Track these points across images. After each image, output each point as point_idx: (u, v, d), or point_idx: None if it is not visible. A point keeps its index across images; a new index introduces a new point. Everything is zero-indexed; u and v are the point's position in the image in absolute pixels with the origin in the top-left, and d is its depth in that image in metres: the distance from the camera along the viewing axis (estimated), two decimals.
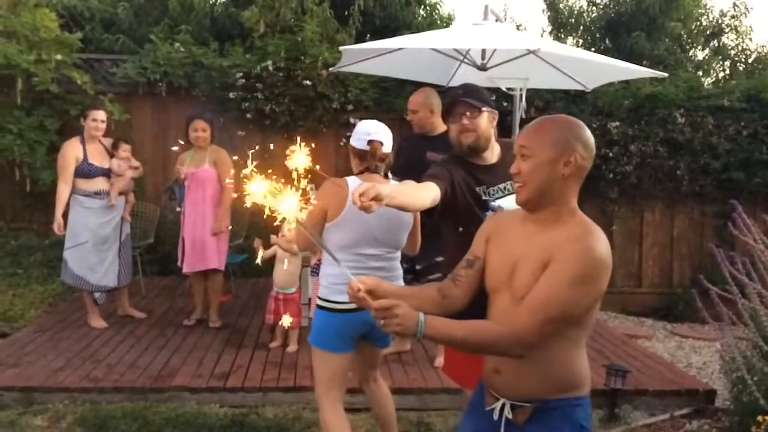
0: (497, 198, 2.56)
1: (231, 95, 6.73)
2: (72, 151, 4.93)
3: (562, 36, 9.32)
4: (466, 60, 5.01)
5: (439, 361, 4.20)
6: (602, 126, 6.79)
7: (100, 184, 4.97)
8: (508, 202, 2.44)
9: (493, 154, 2.62)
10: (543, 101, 6.71)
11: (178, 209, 5.24)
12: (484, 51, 4.83)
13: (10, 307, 5.44)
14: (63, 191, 4.90)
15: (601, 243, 1.67)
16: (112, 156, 5.10)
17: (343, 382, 2.88)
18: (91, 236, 4.98)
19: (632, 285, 7.09)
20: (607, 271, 1.67)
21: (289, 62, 6.80)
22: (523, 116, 5.02)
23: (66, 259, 5.03)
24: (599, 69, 4.89)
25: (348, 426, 2.85)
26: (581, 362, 1.78)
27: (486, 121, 2.55)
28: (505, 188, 2.56)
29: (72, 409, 3.78)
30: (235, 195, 4.88)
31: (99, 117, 5.01)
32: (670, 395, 4.19)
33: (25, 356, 4.43)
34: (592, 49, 8.53)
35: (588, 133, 1.78)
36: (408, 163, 3.81)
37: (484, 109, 2.55)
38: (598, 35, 9.14)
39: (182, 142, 5.02)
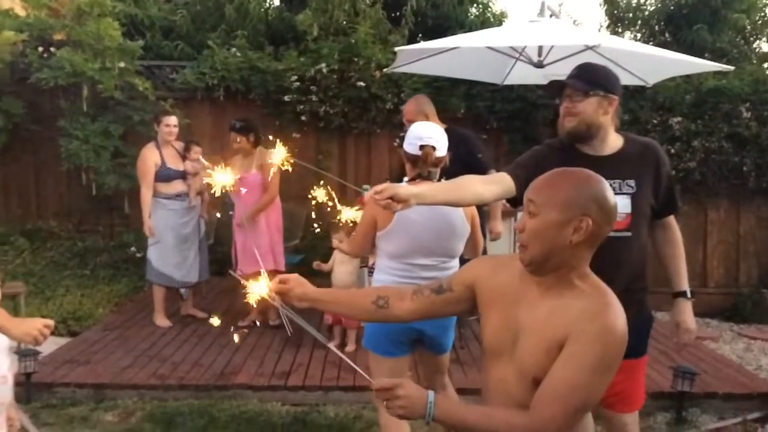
0: None
1: (286, 98, 6.83)
2: (151, 157, 5.11)
3: (620, 30, 9.10)
4: (521, 57, 4.95)
5: None
6: (663, 122, 6.62)
7: (178, 186, 5.14)
8: None
9: (605, 144, 2.35)
10: None
11: (231, 213, 5.33)
12: (540, 48, 4.78)
13: (79, 306, 5.63)
14: (146, 196, 5.09)
15: (620, 317, 1.49)
16: (184, 158, 5.26)
17: None
18: (174, 236, 5.16)
19: (696, 285, 6.87)
20: (622, 354, 1.49)
21: (343, 64, 6.86)
22: None
23: (150, 259, 5.21)
24: (660, 63, 4.76)
25: (407, 428, 2.84)
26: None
27: (593, 106, 2.28)
28: (610, 186, 2.40)
29: (140, 406, 3.90)
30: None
31: (172, 122, 5.20)
32: (740, 398, 4.06)
33: (95, 354, 4.59)
34: (651, 42, 8.30)
35: (608, 194, 1.54)
36: None
37: (592, 92, 2.29)
38: (657, 28, 8.89)
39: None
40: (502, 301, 1.64)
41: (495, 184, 2.37)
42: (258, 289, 1.79)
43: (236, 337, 4.83)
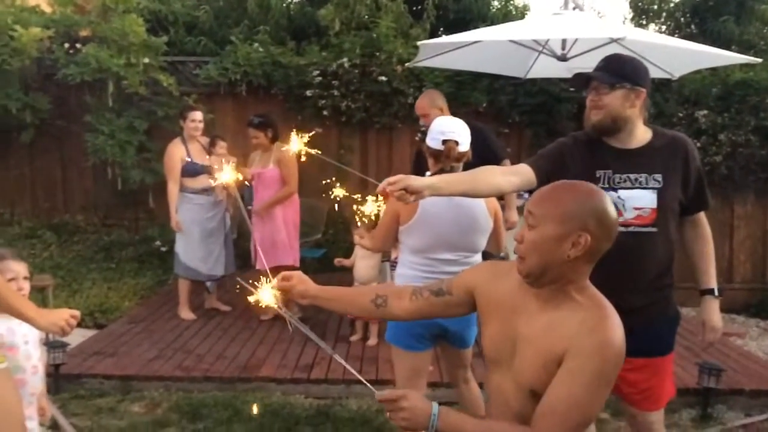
0: (621, 188, 2.28)
1: (308, 93, 6.85)
2: (177, 152, 5.17)
3: (644, 23, 8.99)
4: (545, 50, 4.93)
5: None
6: (689, 115, 6.53)
7: (204, 181, 5.18)
8: (635, 197, 2.26)
9: (632, 137, 2.31)
10: None
11: (249, 207, 5.37)
12: (564, 41, 4.74)
13: (105, 299, 5.72)
14: (173, 191, 5.15)
15: (617, 329, 1.48)
16: (209, 153, 5.31)
17: (423, 378, 2.86)
18: (200, 230, 5.22)
19: (722, 280, 6.74)
20: (620, 366, 1.49)
21: (365, 59, 6.86)
22: None
23: (177, 253, 5.28)
24: (686, 56, 4.70)
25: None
26: None
27: (619, 98, 2.24)
28: (636, 180, 2.27)
29: (167, 397, 3.96)
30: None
31: (197, 117, 5.26)
32: (766, 395, 4.00)
33: (122, 346, 4.66)
34: (677, 34, 8.20)
35: (608, 209, 1.51)
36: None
37: (618, 85, 2.25)
38: (682, 20, 8.77)
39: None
40: (501, 310, 1.64)
41: (515, 175, 2.36)
42: (264, 296, 1.82)
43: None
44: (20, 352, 2.49)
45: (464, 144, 2.73)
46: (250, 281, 1.88)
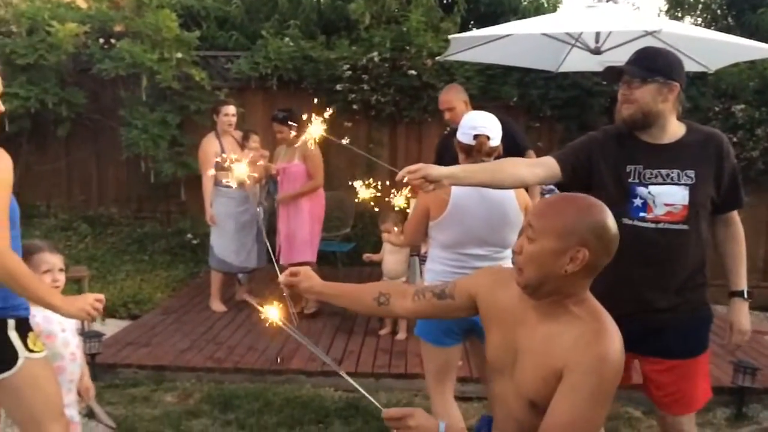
0: (652, 184, 2.23)
1: (338, 87, 6.86)
2: (211, 147, 5.23)
3: (680, 15, 8.82)
4: (578, 44, 4.87)
5: None
6: (725, 109, 6.41)
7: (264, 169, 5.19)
8: (666, 193, 2.21)
9: (664, 132, 2.26)
10: None
11: (275, 201, 5.38)
12: (598, 34, 4.68)
13: (138, 291, 5.82)
14: (208, 184, 5.20)
15: (615, 342, 1.48)
16: (242, 147, 5.36)
17: (452, 373, 2.85)
18: (234, 223, 5.27)
19: (757, 279, 6.64)
20: (619, 378, 1.48)
21: (395, 53, 6.85)
22: None
23: (212, 246, 5.34)
24: (723, 49, 4.60)
25: (458, 414, 2.84)
26: None
27: (651, 92, 2.20)
28: (667, 175, 2.22)
29: (198, 387, 4.02)
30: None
31: (230, 111, 5.30)
32: None
33: (155, 337, 4.75)
34: (713, 27, 8.02)
35: (609, 224, 1.49)
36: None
37: (650, 79, 2.20)
38: (719, 12, 8.58)
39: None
40: (502, 319, 1.65)
41: (539, 167, 2.35)
42: (271, 314, 1.81)
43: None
44: (58, 339, 2.55)
45: (495, 139, 2.71)
46: (256, 298, 1.87)
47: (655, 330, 2.27)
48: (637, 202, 2.23)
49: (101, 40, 6.91)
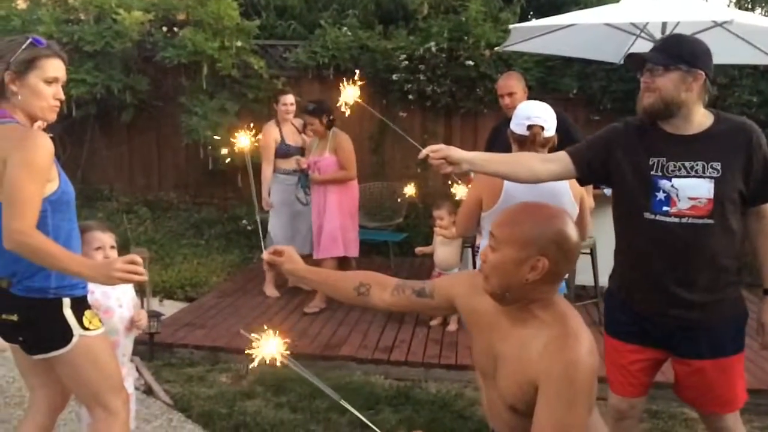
0: (675, 177, 2.13)
1: (394, 77, 6.85)
2: (271, 134, 5.30)
3: (750, 7, 8.48)
4: (642, 34, 4.74)
5: None
6: None
7: (295, 162, 5.26)
8: (690, 187, 2.11)
9: (689, 123, 2.16)
10: (728, 77, 6.19)
11: (307, 194, 5.36)
12: (664, 24, 4.53)
13: (195, 274, 5.97)
14: (267, 171, 5.29)
15: (583, 343, 1.50)
16: (302, 135, 5.43)
17: None
18: (290, 210, 5.34)
19: None
20: (596, 374, 1.50)
21: (452, 43, 6.79)
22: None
23: (270, 232, 5.39)
24: None
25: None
26: None
27: (674, 81, 2.10)
28: (692, 168, 2.12)
29: (252, 369, 4.09)
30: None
31: (288, 101, 5.38)
32: None
33: (210, 319, 4.86)
34: None
35: (569, 233, 1.53)
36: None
37: (672, 67, 2.11)
38: None
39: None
40: (481, 325, 1.70)
41: (553, 163, 2.34)
42: (267, 348, 1.72)
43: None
44: (115, 314, 2.62)
45: (550, 129, 2.66)
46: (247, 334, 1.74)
47: (686, 329, 2.22)
48: (660, 195, 2.15)
49: (164, 29, 7.08)
